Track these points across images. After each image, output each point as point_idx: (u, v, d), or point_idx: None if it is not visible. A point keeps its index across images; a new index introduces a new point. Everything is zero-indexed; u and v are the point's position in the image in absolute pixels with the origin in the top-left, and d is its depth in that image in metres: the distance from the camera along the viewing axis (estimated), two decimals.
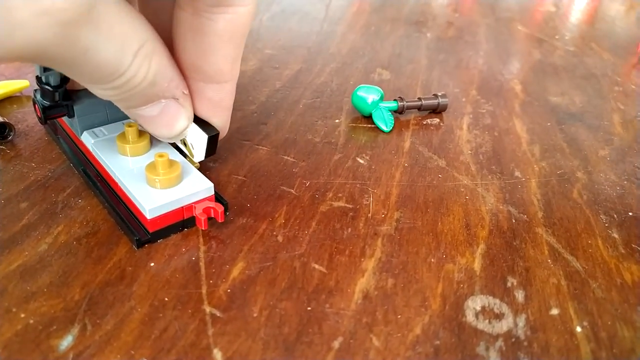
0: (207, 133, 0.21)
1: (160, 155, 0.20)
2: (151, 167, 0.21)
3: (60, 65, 0.16)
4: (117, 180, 0.22)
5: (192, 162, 0.23)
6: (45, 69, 0.20)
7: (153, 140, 0.23)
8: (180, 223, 0.21)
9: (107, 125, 0.24)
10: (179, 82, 0.19)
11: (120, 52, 0.16)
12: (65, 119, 0.25)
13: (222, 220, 0.21)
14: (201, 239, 0.21)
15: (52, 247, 0.20)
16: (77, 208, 0.22)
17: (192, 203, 0.21)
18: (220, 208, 0.21)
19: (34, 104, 0.23)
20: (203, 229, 0.21)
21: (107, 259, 0.20)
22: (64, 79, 0.21)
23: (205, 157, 0.22)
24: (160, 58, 0.18)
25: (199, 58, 0.20)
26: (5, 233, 0.21)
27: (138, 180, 0.21)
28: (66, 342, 0.16)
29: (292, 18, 0.51)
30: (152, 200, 0.20)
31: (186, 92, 0.20)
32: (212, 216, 0.21)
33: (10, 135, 0.27)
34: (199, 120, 0.22)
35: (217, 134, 0.22)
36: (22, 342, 0.16)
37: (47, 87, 0.21)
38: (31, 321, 0.17)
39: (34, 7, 0.13)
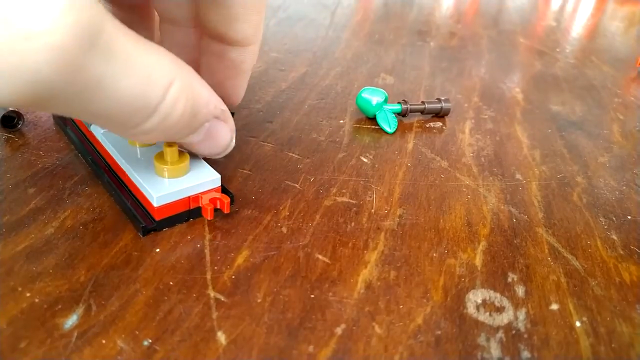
0: None
1: (169, 145, 0.21)
2: (160, 156, 0.21)
3: (72, 104, 0.14)
4: (125, 169, 0.22)
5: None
6: None
7: None
8: (186, 213, 0.21)
9: None
10: (217, 101, 0.19)
11: (147, 85, 0.15)
12: None
13: (228, 212, 0.21)
14: (206, 228, 0.21)
15: (59, 231, 0.20)
16: (84, 195, 0.22)
17: (199, 193, 0.21)
18: (226, 199, 0.21)
19: None
20: (209, 219, 0.21)
21: (113, 244, 0.20)
22: None
23: None
24: (195, 89, 0.17)
25: (223, 26, 0.19)
26: (13, 216, 0.21)
27: (146, 169, 0.21)
28: (71, 321, 0.16)
29: (298, 24, 0.52)
30: (159, 188, 0.20)
31: (224, 107, 0.19)
32: (218, 207, 0.21)
33: (19, 125, 0.27)
34: None
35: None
36: (27, 320, 0.16)
37: None
38: (36, 300, 0.17)
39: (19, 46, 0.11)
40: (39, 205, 0.21)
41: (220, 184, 0.22)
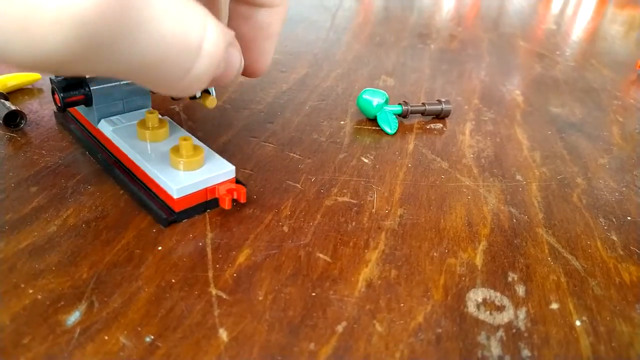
0: None
1: (185, 139, 0.21)
2: (175, 150, 0.22)
3: (119, 50, 0.13)
4: (139, 164, 0.22)
5: (206, 104, 0.23)
6: None
7: (171, 128, 0.24)
8: (204, 204, 0.22)
9: (122, 115, 0.25)
10: (228, 30, 0.18)
11: (186, 24, 0.14)
12: (79, 109, 0.26)
13: (244, 201, 0.22)
14: (208, 227, 0.21)
15: (61, 229, 0.20)
16: (87, 194, 0.23)
17: (215, 185, 0.22)
18: (242, 189, 0.22)
19: (53, 93, 0.24)
20: (227, 208, 0.22)
21: (116, 242, 0.20)
22: None
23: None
24: (220, 24, 0.16)
25: None
26: (15, 214, 0.21)
27: (161, 163, 0.22)
28: (73, 317, 0.17)
29: (299, 26, 0.52)
30: (178, 180, 0.21)
31: (232, 31, 0.18)
32: (235, 197, 0.22)
33: (22, 124, 0.27)
34: None
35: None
36: (29, 316, 0.16)
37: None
38: (39, 297, 0.17)
39: None
40: (41, 204, 0.22)
41: (234, 175, 0.22)
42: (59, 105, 0.23)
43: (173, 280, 0.18)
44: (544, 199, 0.26)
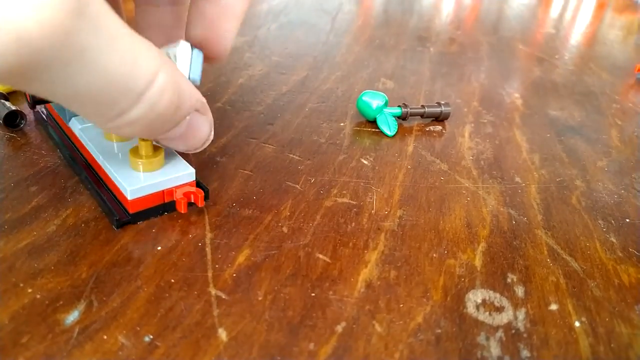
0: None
1: (144, 140, 0.21)
2: (135, 150, 0.21)
3: (56, 76, 0.13)
4: (101, 164, 0.22)
5: None
6: None
7: None
8: (161, 206, 0.22)
9: None
10: (197, 94, 0.19)
11: (133, 67, 0.14)
12: (55, 106, 0.26)
13: (202, 205, 0.22)
14: (207, 227, 0.21)
15: (61, 229, 0.20)
16: (86, 194, 0.23)
17: (174, 187, 0.21)
18: (200, 193, 0.21)
19: None
20: (183, 212, 0.21)
21: (115, 242, 0.20)
22: None
23: (190, 74, 0.20)
24: (179, 81, 0.17)
25: None
26: (15, 214, 0.21)
27: (122, 164, 0.22)
28: (72, 316, 0.17)
29: (299, 29, 0.52)
30: (133, 181, 0.21)
31: (203, 100, 0.19)
32: (192, 201, 0.21)
33: (22, 124, 0.27)
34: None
35: (201, 51, 0.20)
36: (28, 315, 0.16)
37: None
38: (38, 296, 0.17)
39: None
40: (40, 203, 0.22)
41: (194, 178, 0.22)
42: (29, 101, 0.23)
43: (172, 280, 0.18)
44: (543, 201, 0.26)
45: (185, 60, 0.19)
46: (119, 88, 0.14)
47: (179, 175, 0.21)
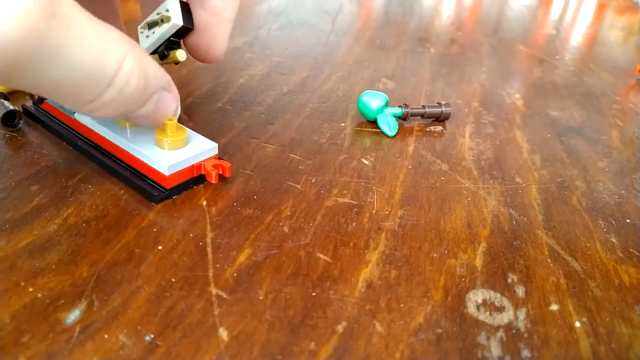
0: None
1: (170, 119, 0.22)
2: (160, 130, 0.23)
3: (34, 72, 0.14)
4: (125, 147, 0.23)
5: (175, 58, 0.23)
6: None
7: None
8: (191, 180, 0.23)
9: None
10: (162, 73, 0.20)
11: (103, 57, 0.16)
12: (52, 101, 0.26)
13: (229, 175, 0.24)
14: (208, 227, 0.21)
15: (62, 228, 0.20)
16: (87, 193, 0.23)
17: (201, 161, 0.23)
18: (227, 164, 0.23)
19: None
20: (214, 182, 0.23)
21: (116, 241, 0.20)
22: None
23: (184, 20, 0.22)
24: (145, 62, 0.18)
25: None
26: (16, 213, 0.21)
27: (147, 145, 0.23)
28: (73, 315, 0.17)
29: (299, 29, 0.52)
30: (167, 158, 0.22)
31: (168, 77, 0.20)
32: (220, 172, 0.23)
33: (20, 124, 0.27)
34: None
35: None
36: (29, 314, 0.16)
37: None
38: (39, 295, 0.17)
39: None
40: (41, 203, 0.22)
41: (217, 152, 0.24)
42: (36, 98, 0.23)
43: (173, 280, 0.18)
44: (544, 201, 0.26)
45: (177, 7, 0.22)
46: (92, 77, 0.16)
47: (205, 150, 0.23)
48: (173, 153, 0.23)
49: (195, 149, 0.23)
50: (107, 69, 0.16)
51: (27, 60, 0.14)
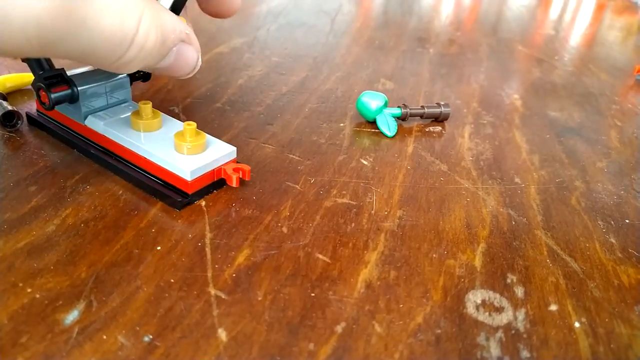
0: None
1: (189, 124, 0.22)
2: (180, 135, 0.23)
3: (66, 43, 0.16)
4: (142, 153, 0.23)
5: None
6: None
7: (164, 119, 0.25)
8: (212, 185, 0.23)
9: (106, 110, 0.25)
10: (181, 25, 0.20)
11: (121, 20, 0.17)
12: (59, 108, 0.26)
13: (249, 179, 0.24)
14: (207, 227, 0.21)
15: (60, 228, 0.20)
16: (86, 193, 0.23)
17: (221, 165, 0.23)
18: (247, 168, 0.23)
19: (39, 90, 0.24)
20: (235, 186, 0.23)
21: (114, 242, 0.20)
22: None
23: None
24: (161, 16, 0.19)
25: None
26: (14, 213, 0.21)
27: (165, 150, 0.23)
28: (72, 316, 0.16)
29: (298, 30, 0.52)
30: (189, 163, 0.22)
31: (188, 30, 0.21)
32: (240, 176, 0.23)
33: (18, 124, 0.27)
34: None
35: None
36: (27, 315, 0.16)
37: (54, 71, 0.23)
38: (37, 296, 0.17)
39: None
40: (40, 203, 0.22)
41: (235, 156, 0.24)
42: (47, 104, 0.23)
43: (172, 280, 0.18)
44: (543, 201, 0.26)
45: None
46: (114, 41, 0.17)
47: (225, 154, 0.23)
48: (194, 158, 0.22)
49: (215, 154, 0.23)
50: (127, 32, 0.17)
51: (59, 34, 0.15)
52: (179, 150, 0.23)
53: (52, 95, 0.23)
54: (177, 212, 0.22)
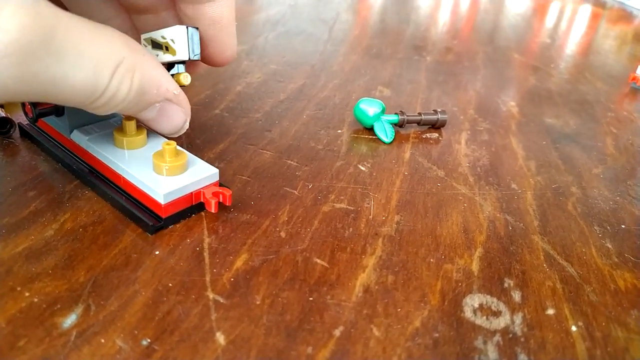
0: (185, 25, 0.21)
1: (168, 144, 0.21)
2: (159, 155, 0.22)
3: (33, 98, 0.16)
4: (120, 172, 0.22)
5: (179, 81, 0.22)
6: None
7: (149, 135, 0.24)
8: (189, 209, 0.22)
9: (93, 124, 0.25)
10: (168, 84, 0.20)
11: (95, 74, 0.16)
12: (48, 120, 0.25)
13: (230, 204, 0.22)
14: (205, 232, 0.21)
15: (58, 233, 0.20)
16: (84, 198, 0.23)
17: (200, 188, 0.22)
18: (228, 192, 0.22)
19: (23, 104, 0.24)
20: (214, 212, 0.22)
21: (113, 246, 0.20)
22: None
23: (190, 54, 0.21)
24: (143, 68, 0.18)
25: None
26: (12, 218, 0.21)
27: (143, 170, 0.22)
28: (70, 320, 0.16)
29: (296, 38, 0.52)
30: (164, 186, 0.21)
31: (177, 91, 0.20)
32: (221, 200, 0.22)
33: (12, 131, 0.27)
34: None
35: (197, 28, 0.21)
36: (26, 319, 0.16)
37: None
38: (35, 300, 0.17)
39: None
40: (38, 208, 0.22)
41: (218, 179, 0.22)
42: (31, 116, 0.23)
43: (170, 284, 0.18)
44: (539, 207, 0.26)
45: (183, 42, 0.21)
46: (85, 92, 0.17)
47: (205, 176, 0.22)
48: (171, 180, 0.21)
49: (195, 176, 0.22)
50: (99, 83, 0.17)
51: (22, 91, 0.15)
52: (158, 171, 0.21)
53: (37, 110, 0.23)
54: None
